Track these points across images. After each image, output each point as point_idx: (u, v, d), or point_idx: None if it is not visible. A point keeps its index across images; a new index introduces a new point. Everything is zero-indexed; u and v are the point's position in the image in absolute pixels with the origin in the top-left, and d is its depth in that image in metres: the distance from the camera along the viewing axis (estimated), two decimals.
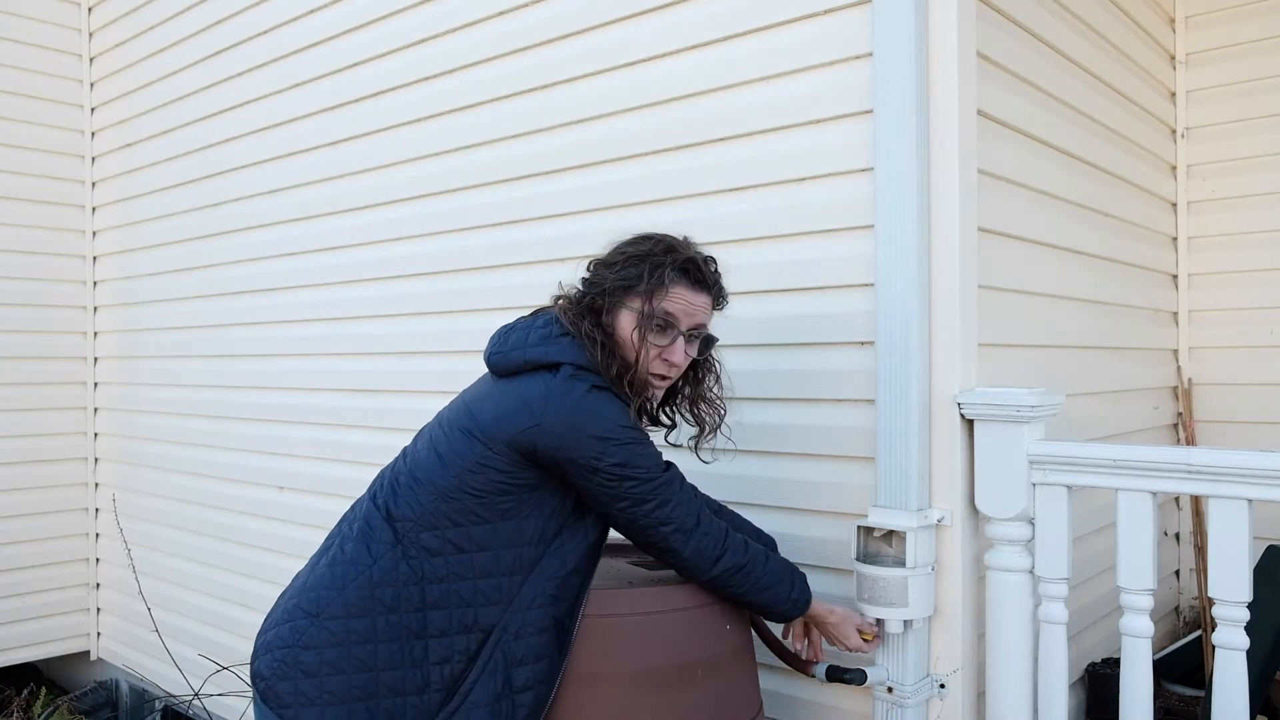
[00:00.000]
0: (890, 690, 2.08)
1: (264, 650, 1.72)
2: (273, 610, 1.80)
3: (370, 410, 3.32)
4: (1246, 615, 1.83)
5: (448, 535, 1.72)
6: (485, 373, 1.89)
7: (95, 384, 4.72)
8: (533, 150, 2.81)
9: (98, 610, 4.74)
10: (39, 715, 4.26)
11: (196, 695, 3.88)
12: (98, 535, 4.73)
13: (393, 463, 1.87)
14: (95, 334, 4.71)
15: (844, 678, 2.06)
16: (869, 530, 2.09)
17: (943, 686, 2.10)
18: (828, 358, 2.24)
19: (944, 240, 2.08)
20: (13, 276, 4.45)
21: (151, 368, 4.38)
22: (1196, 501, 3.33)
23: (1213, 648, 1.93)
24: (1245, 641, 1.83)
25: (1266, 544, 2.44)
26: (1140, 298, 3.20)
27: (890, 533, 2.07)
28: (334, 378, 3.48)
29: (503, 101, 2.88)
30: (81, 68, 4.65)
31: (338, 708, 1.66)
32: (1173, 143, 3.48)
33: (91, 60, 4.66)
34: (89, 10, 4.64)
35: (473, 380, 1.94)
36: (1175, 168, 3.49)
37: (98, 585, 4.74)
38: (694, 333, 1.86)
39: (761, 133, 2.33)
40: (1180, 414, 3.45)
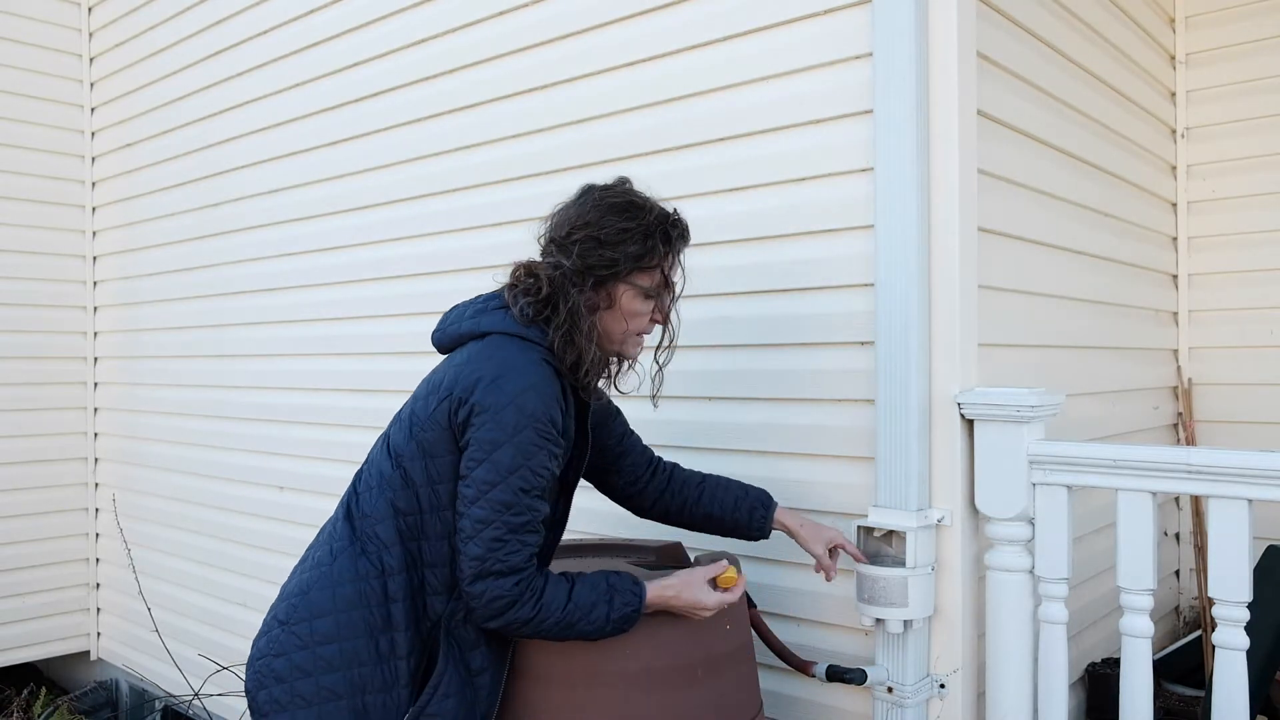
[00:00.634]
0: (890, 690, 2.08)
1: (248, 665, 1.75)
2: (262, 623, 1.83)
3: (370, 410, 3.32)
4: (1246, 615, 1.83)
5: (398, 525, 1.72)
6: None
7: (95, 384, 4.72)
8: (533, 150, 2.81)
9: (98, 610, 4.74)
10: (39, 715, 4.26)
11: (196, 695, 3.88)
12: (98, 535, 4.73)
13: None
14: (95, 334, 4.71)
15: (844, 677, 2.06)
16: (869, 530, 2.10)
17: (943, 686, 2.10)
18: (828, 358, 2.24)
19: (944, 240, 2.08)
20: (13, 276, 4.45)
21: (151, 368, 4.38)
22: (1196, 501, 3.33)
23: (1213, 648, 1.93)
24: (1245, 641, 1.83)
25: (1266, 544, 2.44)
26: (1140, 298, 3.20)
27: (890, 533, 2.07)
28: (334, 378, 3.48)
29: (503, 101, 2.88)
30: (81, 68, 4.65)
31: (308, 710, 1.66)
32: (1173, 143, 3.48)
33: (91, 60, 4.66)
34: (89, 10, 4.64)
35: None
36: (1175, 168, 3.49)
37: (98, 585, 4.74)
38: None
39: (762, 133, 2.33)
40: (1180, 414, 3.45)
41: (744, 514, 2.06)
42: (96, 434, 4.72)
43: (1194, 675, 2.92)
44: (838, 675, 2.07)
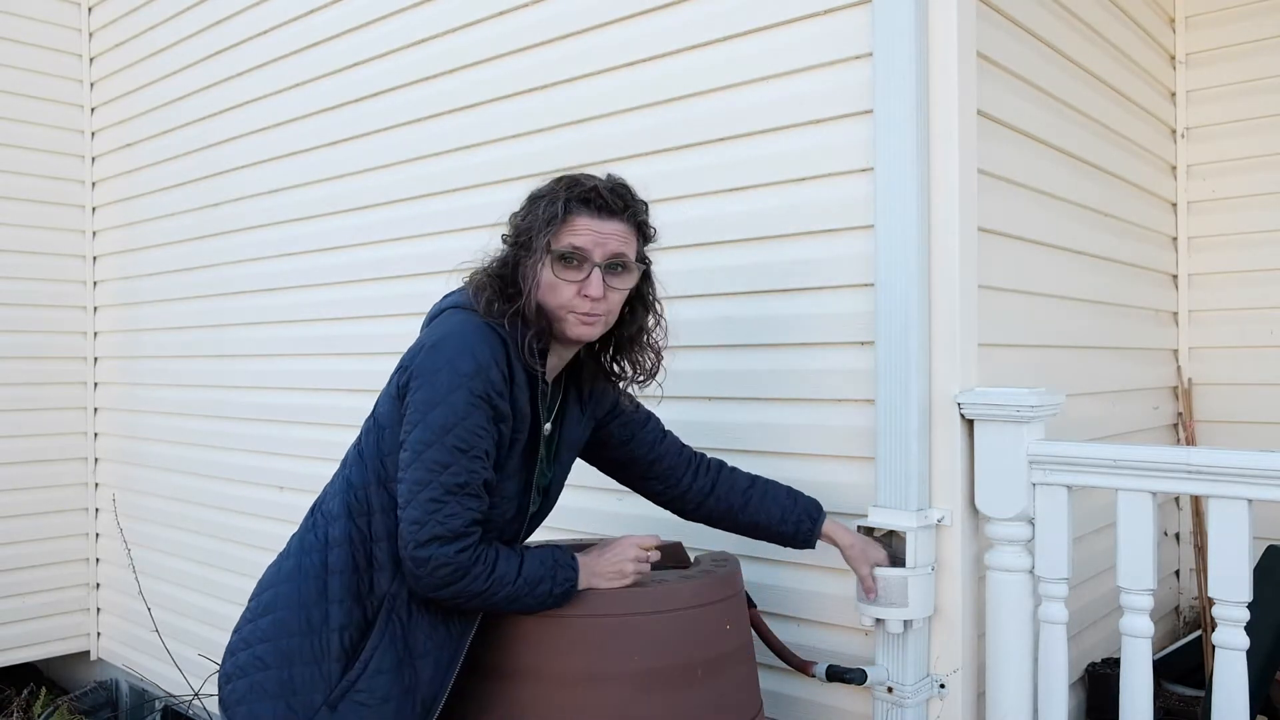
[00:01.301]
0: (890, 690, 2.08)
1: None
2: None
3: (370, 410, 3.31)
4: (1246, 615, 1.83)
5: (347, 500, 1.74)
6: None
7: (95, 384, 4.72)
8: (533, 150, 2.81)
9: (98, 610, 4.74)
10: (39, 715, 4.26)
11: (196, 695, 3.88)
12: (98, 535, 4.73)
13: None
14: (95, 334, 4.71)
15: (844, 677, 2.06)
16: (869, 530, 2.10)
17: (943, 686, 2.10)
18: (828, 358, 2.24)
19: (944, 240, 2.08)
20: (13, 276, 4.45)
21: (151, 368, 4.38)
22: (1196, 501, 3.33)
23: (1213, 648, 1.93)
24: (1245, 641, 1.83)
25: (1266, 544, 2.44)
26: (1140, 298, 3.20)
27: (890, 533, 2.07)
28: (334, 378, 3.48)
29: (503, 101, 2.88)
30: (81, 68, 4.65)
31: (244, 680, 1.69)
32: (1173, 143, 3.48)
33: (91, 60, 4.66)
34: (89, 10, 4.64)
35: None
36: (1175, 168, 3.49)
37: (98, 585, 4.74)
38: (614, 261, 1.74)
39: (762, 133, 2.33)
40: (1180, 414, 3.45)
41: (790, 526, 2.05)
42: (96, 434, 4.72)
43: (1194, 675, 2.92)
44: (838, 675, 2.07)
